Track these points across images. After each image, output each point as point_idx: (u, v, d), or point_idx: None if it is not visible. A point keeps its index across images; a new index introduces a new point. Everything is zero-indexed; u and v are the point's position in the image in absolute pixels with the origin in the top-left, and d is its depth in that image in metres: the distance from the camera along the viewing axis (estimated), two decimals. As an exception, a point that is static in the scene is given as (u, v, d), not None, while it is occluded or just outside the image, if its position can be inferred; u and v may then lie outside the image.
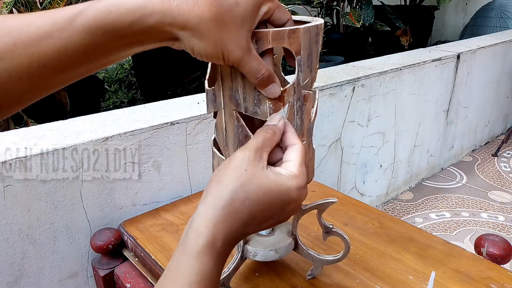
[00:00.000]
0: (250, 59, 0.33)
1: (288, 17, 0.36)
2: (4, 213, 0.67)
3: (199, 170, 0.92)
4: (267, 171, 0.35)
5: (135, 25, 0.30)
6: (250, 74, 0.34)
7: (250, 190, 0.33)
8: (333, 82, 1.24)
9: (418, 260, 0.60)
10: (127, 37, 0.31)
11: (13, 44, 0.29)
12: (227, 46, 0.32)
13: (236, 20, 0.31)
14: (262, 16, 0.34)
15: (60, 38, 0.30)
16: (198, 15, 0.30)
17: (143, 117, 0.86)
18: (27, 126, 1.09)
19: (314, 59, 0.39)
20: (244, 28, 0.32)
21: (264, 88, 0.36)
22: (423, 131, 1.73)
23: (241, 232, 0.34)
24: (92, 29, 0.30)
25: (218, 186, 0.34)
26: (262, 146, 0.35)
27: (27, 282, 0.73)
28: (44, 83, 0.32)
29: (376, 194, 1.62)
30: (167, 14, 0.30)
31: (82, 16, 0.30)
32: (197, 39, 0.31)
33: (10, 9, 1.27)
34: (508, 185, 1.79)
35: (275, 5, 0.35)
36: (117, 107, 2.02)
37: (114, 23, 0.30)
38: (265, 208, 0.34)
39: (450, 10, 3.71)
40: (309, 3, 2.56)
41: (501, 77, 2.13)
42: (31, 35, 0.30)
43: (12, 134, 0.76)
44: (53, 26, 0.30)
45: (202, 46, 0.32)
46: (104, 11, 0.30)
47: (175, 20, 0.30)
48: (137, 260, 0.68)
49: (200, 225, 0.32)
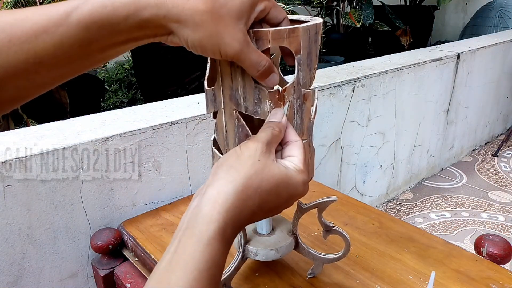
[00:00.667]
0: (250, 51, 0.33)
1: (284, 15, 0.36)
2: (4, 213, 0.67)
3: (199, 170, 0.92)
4: (277, 163, 0.35)
5: (130, 19, 0.30)
6: (252, 67, 0.34)
7: (263, 179, 0.33)
8: (333, 82, 1.24)
9: (418, 260, 0.60)
10: (122, 31, 0.31)
11: (8, 40, 0.29)
12: (224, 39, 0.32)
13: (232, 13, 0.31)
14: (258, 14, 0.34)
15: (56, 34, 0.30)
16: (192, 7, 0.30)
17: (143, 117, 0.86)
18: (27, 126, 1.09)
19: (314, 58, 0.39)
20: (240, 21, 0.32)
21: (265, 79, 0.36)
22: (423, 131, 1.73)
23: (248, 220, 0.34)
24: (88, 24, 0.30)
25: (230, 172, 0.33)
26: (271, 141, 0.36)
27: (27, 282, 0.72)
28: (40, 79, 0.32)
29: (376, 194, 1.62)
30: (161, 7, 0.30)
31: (77, 11, 0.30)
32: (191, 31, 0.31)
33: (10, 8, 1.27)
34: (508, 185, 1.79)
35: (271, 3, 0.35)
36: (117, 107, 2.02)
37: (110, 18, 0.30)
38: (273, 199, 0.34)
39: (450, 10, 3.71)
40: (309, 3, 2.56)
41: (501, 77, 2.13)
42: (26, 31, 0.29)
43: (12, 134, 0.76)
44: (48, 22, 0.30)
45: (196, 37, 0.31)
46: (99, 5, 0.30)
47: (169, 12, 0.30)
48: (137, 260, 0.68)
49: (211, 209, 0.31)
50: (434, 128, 1.79)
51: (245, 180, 0.33)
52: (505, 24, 2.82)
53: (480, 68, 1.93)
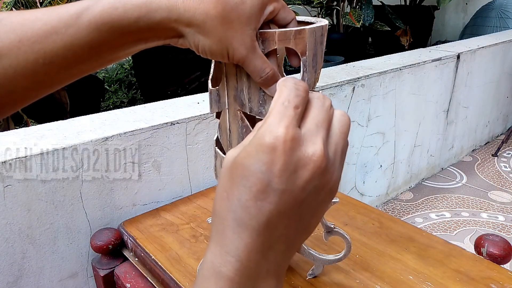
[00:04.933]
0: (255, 57, 0.33)
1: (292, 16, 0.36)
2: (4, 213, 0.67)
3: (199, 170, 0.92)
4: (242, 150, 0.25)
5: (141, 21, 0.30)
6: (255, 73, 0.34)
7: (224, 181, 0.25)
8: (333, 82, 1.24)
9: (418, 260, 0.60)
10: (132, 33, 0.31)
11: (18, 40, 0.29)
12: (232, 44, 0.32)
13: (242, 18, 0.31)
14: (268, 15, 0.34)
15: (66, 35, 0.30)
16: (204, 12, 0.30)
17: (143, 117, 0.86)
18: (27, 126, 1.09)
19: (319, 60, 0.39)
20: (249, 27, 0.32)
21: (268, 88, 0.36)
22: (423, 131, 1.73)
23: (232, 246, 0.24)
24: (98, 25, 0.30)
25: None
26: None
27: (27, 282, 0.72)
28: (48, 80, 0.32)
29: (376, 194, 1.62)
30: (173, 11, 0.30)
31: (88, 12, 0.30)
32: (202, 36, 0.31)
33: (10, 9, 1.28)
34: (508, 185, 1.79)
35: (280, 4, 0.35)
36: (117, 107, 2.02)
37: (120, 19, 0.30)
38: (244, 186, 0.24)
39: (450, 10, 3.71)
40: (309, 3, 2.56)
41: (501, 77, 2.13)
42: (36, 31, 0.29)
43: (12, 134, 0.76)
44: (59, 22, 0.30)
45: (207, 43, 0.31)
46: (110, 7, 0.30)
47: (180, 16, 0.30)
48: (137, 260, 0.68)
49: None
50: (434, 128, 1.79)
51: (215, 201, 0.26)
52: (505, 24, 2.82)
53: (480, 68, 1.93)
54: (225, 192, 0.25)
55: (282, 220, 0.24)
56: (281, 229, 0.24)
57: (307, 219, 0.26)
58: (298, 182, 0.24)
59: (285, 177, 0.23)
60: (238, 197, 0.24)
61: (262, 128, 0.24)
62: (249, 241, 0.24)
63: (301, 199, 0.24)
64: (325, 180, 0.25)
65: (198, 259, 0.61)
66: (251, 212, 0.24)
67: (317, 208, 0.26)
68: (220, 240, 0.25)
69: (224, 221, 0.25)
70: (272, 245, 0.25)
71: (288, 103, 0.25)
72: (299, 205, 0.24)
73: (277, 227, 0.24)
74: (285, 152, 0.23)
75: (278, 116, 0.24)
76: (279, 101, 0.25)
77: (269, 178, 0.23)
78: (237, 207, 0.24)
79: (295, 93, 0.26)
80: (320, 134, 0.25)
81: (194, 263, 0.61)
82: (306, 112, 0.26)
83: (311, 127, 0.25)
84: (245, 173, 0.24)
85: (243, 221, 0.24)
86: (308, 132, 0.25)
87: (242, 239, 0.24)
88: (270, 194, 0.23)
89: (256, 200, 0.23)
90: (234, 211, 0.24)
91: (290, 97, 0.25)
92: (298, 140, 0.24)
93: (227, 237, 0.24)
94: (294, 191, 0.24)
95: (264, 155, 0.23)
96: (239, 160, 0.24)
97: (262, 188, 0.23)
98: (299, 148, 0.24)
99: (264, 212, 0.24)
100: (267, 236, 0.24)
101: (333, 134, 0.26)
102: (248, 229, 0.24)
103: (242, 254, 0.24)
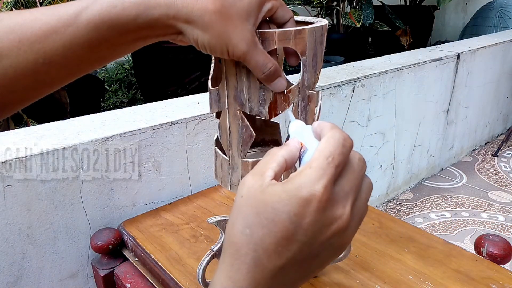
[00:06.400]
0: (256, 53, 0.33)
1: (291, 15, 0.36)
2: (4, 213, 0.67)
3: (199, 170, 0.92)
4: (271, 186, 0.26)
5: (140, 18, 0.30)
6: (257, 69, 0.34)
7: (247, 214, 0.25)
8: (333, 82, 1.24)
9: (418, 260, 0.60)
10: (131, 31, 0.31)
11: (18, 40, 0.29)
12: (232, 39, 0.32)
13: (241, 14, 0.31)
14: (266, 13, 0.34)
15: (65, 34, 0.30)
16: (201, 7, 0.30)
17: (143, 117, 0.86)
18: (27, 126, 1.09)
19: (319, 60, 0.39)
20: (248, 22, 0.32)
21: (271, 83, 0.36)
22: (423, 131, 1.73)
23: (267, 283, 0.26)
24: (97, 24, 0.30)
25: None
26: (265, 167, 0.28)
27: (27, 282, 0.72)
28: (48, 79, 0.32)
29: (376, 194, 1.62)
30: (171, 7, 0.30)
31: (87, 11, 0.30)
32: (200, 32, 0.31)
33: (10, 9, 1.28)
34: (508, 185, 1.79)
35: (278, 3, 0.35)
36: (117, 107, 2.02)
37: (119, 17, 0.30)
38: (270, 230, 0.25)
39: (450, 10, 3.71)
40: (309, 3, 2.56)
41: (501, 77, 2.13)
42: (36, 31, 0.30)
43: (12, 134, 0.76)
44: (58, 22, 0.30)
45: (206, 38, 0.32)
46: (109, 5, 0.30)
47: (179, 12, 0.30)
48: (137, 260, 0.68)
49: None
50: (434, 128, 1.79)
51: (229, 227, 0.27)
52: (505, 24, 2.82)
53: (480, 68, 1.93)
54: (248, 229, 0.26)
55: (295, 267, 0.26)
56: (291, 274, 0.26)
57: (314, 268, 0.28)
58: (319, 238, 0.25)
59: (310, 232, 0.25)
60: (262, 238, 0.25)
61: (302, 178, 0.25)
62: (262, 282, 0.26)
63: (316, 252, 0.26)
64: (341, 239, 0.27)
65: (198, 259, 0.61)
66: (270, 255, 0.25)
67: (326, 260, 0.28)
68: (234, 275, 0.26)
69: (241, 256, 0.26)
70: (279, 287, 0.27)
71: (332, 160, 0.25)
72: (313, 256, 0.26)
73: (289, 273, 0.26)
74: (317, 210, 0.24)
75: (319, 172, 0.25)
76: (324, 153, 0.26)
77: (295, 229, 0.25)
78: (259, 248, 0.25)
79: (341, 150, 0.26)
80: (350, 198, 0.26)
81: (194, 263, 0.61)
82: (343, 171, 0.26)
83: (345, 189, 0.26)
84: (274, 218, 0.25)
85: (262, 262, 0.25)
86: (341, 193, 0.26)
87: (256, 279, 0.26)
88: (293, 243, 0.25)
89: (278, 246, 0.25)
90: (255, 250, 0.25)
91: (335, 153, 0.26)
92: (331, 200, 0.25)
93: (242, 274, 0.26)
94: (313, 244, 0.25)
95: (297, 207, 0.24)
96: (269, 200, 0.25)
97: (287, 236, 0.25)
98: (330, 208, 0.25)
99: (282, 257, 0.25)
100: (279, 279, 0.26)
101: (360, 199, 0.28)
102: (264, 271, 0.25)
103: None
